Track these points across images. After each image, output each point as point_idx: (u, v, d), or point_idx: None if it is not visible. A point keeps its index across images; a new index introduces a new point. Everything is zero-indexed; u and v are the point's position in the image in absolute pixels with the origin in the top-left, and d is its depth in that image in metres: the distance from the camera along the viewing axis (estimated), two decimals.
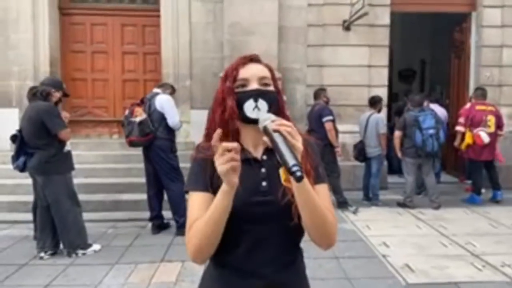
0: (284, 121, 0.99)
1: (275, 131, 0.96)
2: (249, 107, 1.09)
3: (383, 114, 5.99)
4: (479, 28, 6.72)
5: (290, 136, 0.95)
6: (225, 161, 0.94)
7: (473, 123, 5.59)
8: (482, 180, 5.79)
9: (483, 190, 6.01)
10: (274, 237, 1.09)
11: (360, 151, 5.64)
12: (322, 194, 1.10)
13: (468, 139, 5.62)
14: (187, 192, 1.13)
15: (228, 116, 1.11)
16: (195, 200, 1.10)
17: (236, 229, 1.07)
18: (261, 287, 1.09)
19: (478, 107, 5.66)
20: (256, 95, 1.10)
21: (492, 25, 6.63)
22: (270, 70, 1.17)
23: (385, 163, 6.50)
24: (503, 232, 4.51)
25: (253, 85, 1.11)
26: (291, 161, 0.90)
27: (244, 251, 1.09)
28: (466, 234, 4.40)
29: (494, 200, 5.76)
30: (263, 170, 1.11)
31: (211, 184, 1.08)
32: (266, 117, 1.01)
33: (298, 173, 0.89)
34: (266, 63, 1.18)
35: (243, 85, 1.12)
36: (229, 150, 0.95)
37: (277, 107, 1.13)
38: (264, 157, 1.12)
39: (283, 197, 1.05)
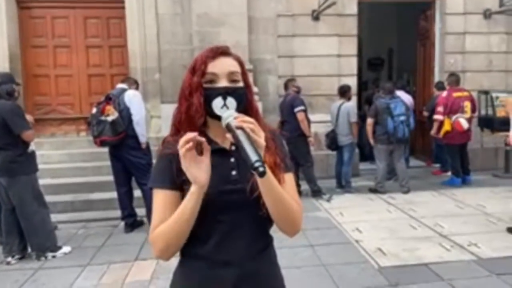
0: (246, 118, 0.99)
1: (238, 128, 0.97)
2: (217, 105, 1.08)
3: (353, 103, 6.08)
4: (443, 15, 6.90)
5: (253, 133, 0.96)
6: (182, 149, 0.97)
7: (451, 110, 5.72)
8: (459, 162, 5.98)
9: (448, 173, 6.25)
10: (245, 226, 1.10)
11: (332, 140, 5.71)
12: (288, 183, 1.12)
13: (446, 126, 5.74)
14: (151, 188, 1.12)
15: (194, 112, 1.09)
16: (160, 199, 1.09)
17: (208, 219, 1.07)
18: (233, 276, 1.09)
19: (455, 94, 5.77)
20: (225, 93, 1.08)
21: (455, 12, 6.82)
22: (240, 63, 1.15)
23: (357, 150, 6.63)
24: (469, 213, 4.70)
25: (222, 82, 1.10)
26: (253, 157, 0.91)
27: (216, 241, 1.09)
28: (435, 216, 4.56)
29: (464, 184, 5.96)
30: (232, 159, 1.11)
31: (177, 180, 1.08)
32: (229, 113, 1.02)
33: (261, 169, 0.91)
34: (237, 55, 1.16)
35: (212, 81, 1.10)
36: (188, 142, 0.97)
37: (246, 103, 1.13)
38: (233, 147, 1.10)
39: (252, 188, 1.06)
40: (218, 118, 1.07)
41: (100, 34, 6.52)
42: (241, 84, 1.13)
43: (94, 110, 4.25)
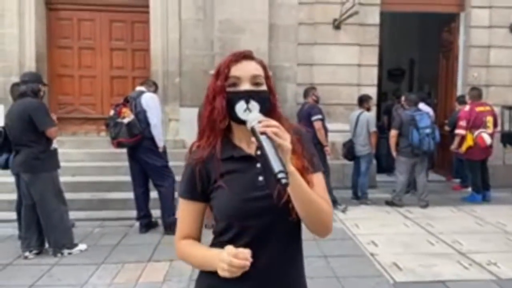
0: (271, 121, 0.98)
1: (262, 133, 0.95)
2: (240, 109, 1.07)
3: (373, 113, 6.02)
4: (467, 28, 6.79)
5: (277, 137, 0.94)
6: (228, 270, 0.99)
7: (474, 125, 5.60)
8: (480, 178, 5.83)
9: (469, 189, 6.10)
10: (274, 231, 1.09)
11: (349, 150, 5.65)
12: (317, 183, 1.11)
13: (469, 141, 5.62)
14: (179, 195, 1.17)
15: (216, 116, 1.09)
16: (184, 210, 1.15)
17: (235, 226, 1.09)
18: (260, 282, 1.09)
19: (477, 109, 5.66)
20: (247, 96, 1.08)
21: (480, 25, 6.70)
22: (264, 67, 1.15)
23: (374, 161, 6.54)
24: (489, 231, 4.57)
25: (245, 85, 1.09)
26: (276, 167, 0.90)
27: (244, 246, 1.07)
28: (453, 232, 4.44)
29: (484, 200, 5.81)
30: (258, 165, 1.10)
31: (204, 188, 1.11)
32: (254, 117, 1.01)
33: (284, 181, 0.90)
34: (260, 59, 1.16)
35: (235, 84, 1.09)
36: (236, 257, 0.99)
37: (269, 106, 1.12)
38: (258, 153, 1.09)
39: (280, 195, 1.05)
40: (242, 122, 1.06)
41: (124, 37, 6.67)
42: (264, 87, 1.12)
43: (111, 112, 4.32)
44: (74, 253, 3.80)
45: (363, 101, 5.71)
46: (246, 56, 1.13)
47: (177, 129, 6.42)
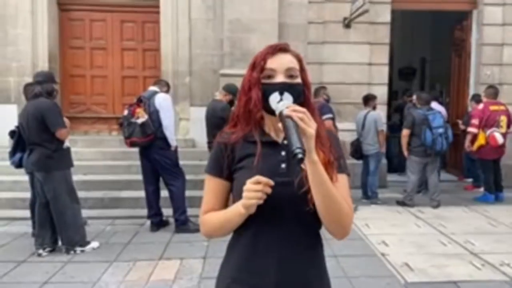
0: (298, 107, 1.00)
1: (287, 117, 0.97)
2: (274, 100, 1.10)
3: (381, 112, 5.97)
4: (480, 26, 6.70)
5: (302, 122, 0.96)
6: (253, 196, 1.00)
7: (487, 124, 5.53)
8: (492, 178, 5.75)
9: (481, 189, 6.02)
10: (289, 219, 1.10)
11: (356, 149, 5.64)
12: (341, 184, 1.11)
13: (481, 140, 5.55)
14: (205, 172, 1.21)
15: (252, 107, 1.13)
16: (210, 186, 1.19)
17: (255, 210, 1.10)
18: (275, 267, 1.10)
19: (491, 108, 5.58)
20: (281, 88, 1.10)
21: (493, 23, 6.60)
22: (299, 60, 1.16)
23: (385, 161, 6.49)
24: (502, 231, 4.50)
25: (280, 77, 1.11)
26: (295, 143, 0.92)
27: (258, 229, 1.11)
28: (465, 232, 4.39)
29: (497, 200, 5.72)
30: (283, 153, 1.13)
31: (229, 168, 1.15)
32: (283, 103, 1.04)
33: (299, 155, 0.90)
34: (296, 52, 1.17)
35: (270, 76, 1.12)
36: (259, 182, 1.00)
37: (302, 99, 1.14)
38: (285, 141, 1.09)
39: (301, 183, 1.06)
40: (274, 113, 1.08)
41: (135, 37, 6.73)
42: (298, 80, 1.14)
43: (125, 112, 4.37)
44: (87, 251, 3.85)
45: (368, 100, 5.69)
46: (282, 48, 1.15)
47: (187, 128, 6.46)
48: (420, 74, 10.43)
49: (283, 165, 1.12)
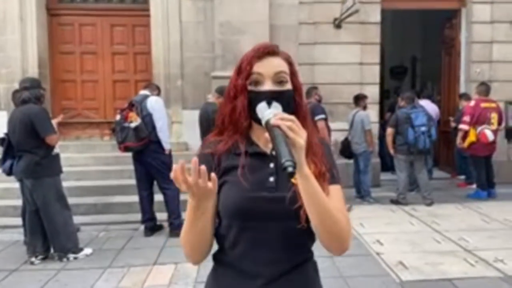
0: (286, 115, 0.92)
1: (275, 126, 0.89)
2: (261, 110, 1.00)
3: (373, 112, 6.00)
4: (469, 24, 6.76)
5: (291, 131, 0.88)
6: (180, 182, 0.88)
7: (478, 121, 5.57)
8: (484, 175, 5.79)
9: (473, 186, 6.06)
10: (278, 237, 1.02)
11: (345, 147, 5.69)
12: (334, 195, 1.03)
13: (471, 137, 5.59)
14: None
15: (238, 116, 1.05)
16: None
17: (238, 226, 1.03)
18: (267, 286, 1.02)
19: (483, 105, 5.62)
20: (269, 97, 1.01)
21: (481, 21, 6.67)
22: (289, 63, 1.07)
23: (378, 160, 6.52)
24: (495, 227, 4.53)
25: (267, 84, 1.02)
26: (284, 156, 0.84)
27: (244, 249, 1.03)
28: (459, 229, 4.42)
29: (489, 197, 5.76)
30: (271, 165, 1.04)
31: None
32: (270, 111, 0.96)
33: (290, 169, 0.83)
34: (286, 54, 1.08)
35: (257, 82, 1.03)
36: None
37: (293, 106, 1.05)
38: (274, 152, 0.99)
39: (293, 198, 0.98)
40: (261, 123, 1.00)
41: (126, 41, 6.69)
42: (288, 86, 1.05)
43: (118, 117, 4.33)
44: (80, 258, 3.81)
45: (358, 99, 5.74)
46: (270, 52, 1.05)
47: (180, 132, 6.43)
48: (411, 72, 10.50)
49: (272, 179, 1.03)
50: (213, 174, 0.90)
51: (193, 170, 0.86)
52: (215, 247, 1.11)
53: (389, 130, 5.56)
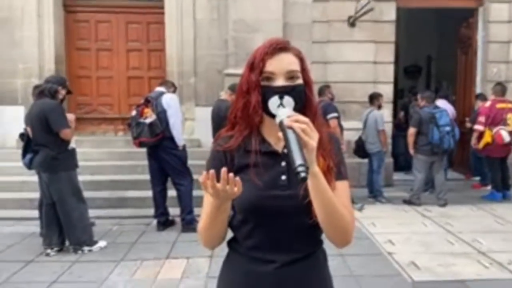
0: (300, 117, 0.95)
1: (289, 127, 0.93)
2: (273, 104, 1.04)
3: (387, 111, 5.95)
4: (486, 23, 6.64)
5: (304, 133, 0.91)
6: (206, 188, 0.94)
7: (493, 121, 5.49)
8: (500, 176, 5.70)
9: (488, 187, 5.97)
10: (290, 231, 1.07)
11: (358, 147, 5.65)
12: (341, 191, 1.06)
13: (487, 138, 5.51)
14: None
15: (252, 111, 1.07)
16: (207, 194, 1.09)
17: (252, 221, 1.08)
18: (273, 276, 1.08)
19: (498, 105, 5.54)
20: (281, 92, 1.04)
21: (499, 20, 6.55)
22: (301, 59, 1.10)
23: (391, 160, 6.46)
24: (509, 230, 4.46)
25: (279, 80, 1.05)
26: (297, 160, 0.87)
27: (258, 242, 1.08)
28: (473, 231, 4.36)
29: (504, 199, 5.67)
30: (283, 163, 1.07)
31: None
32: (284, 112, 0.99)
33: (302, 174, 0.87)
34: (297, 50, 1.10)
35: (269, 78, 1.06)
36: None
37: (304, 101, 1.08)
38: (285, 151, 1.03)
39: (304, 194, 1.01)
40: (274, 116, 1.03)
41: (140, 38, 6.76)
42: (300, 81, 1.08)
43: (133, 113, 4.40)
44: (94, 250, 3.88)
45: (373, 98, 5.69)
46: (282, 48, 1.07)
47: (192, 128, 6.48)
48: (426, 72, 10.36)
49: (284, 177, 1.07)
50: (237, 178, 0.93)
51: (222, 177, 0.92)
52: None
53: (412, 130, 5.44)
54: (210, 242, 1.13)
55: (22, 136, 3.91)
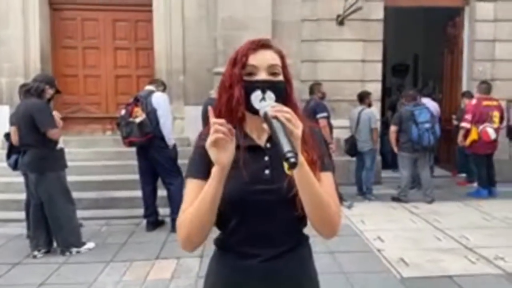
0: (284, 107, 0.97)
1: (274, 117, 0.94)
2: (256, 98, 1.06)
3: (375, 109, 6.00)
4: (472, 22, 6.74)
5: (289, 123, 0.93)
6: (210, 135, 0.95)
7: (480, 119, 5.57)
8: (486, 173, 5.80)
9: (474, 184, 6.08)
10: (275, 225, 1.08)
11: (351, 146, 5.68)
12: (326, 182, 1.09)
13: (473, 135, 5.60)
14: (187, 177, 1.13)
15: (235, 105, 1.08)
16: (191, 188, 1.09)
17: (237, 216, 1.08)
18: (260, 270, 1.09)
19: (484, 103, 5.63)
20: (264, 86, 1.07)
21: (485, 19, 6.65)
22: (281, 56, 1.13)
23: (379, 158, 6.53)
24: (496, 225, 4.55)
25: (262, 75, 1.08)
26: (286, 147, 0.88)
27: (243, 237, 1.09)
28: (460, 227, 4.43)
29: (490, 195, 5.77)
30: (266, 158, 1.09)
31: (210, 171, 1.04)
32: (267, 103, 1.01)
33: (292, 159, 0.87)
34: (278, 48, 1.14)
35: (251, 73, 1.08)
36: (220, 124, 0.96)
37: (285, 97, 1.10)
38: (268, 145, 1.09)
39: (289, 187, 1.03)
40: (256, 112, 1.05)
41: (128, 36, 6.68)
42: (281, 77, 1.11)
43: (123, 112, 4.34)
44: (82, 252, 3.83)
45: (363, 97, 5.73)
46: (264, 44, 1.11)
47: (182, 127, 6.44)
48: (413, 70, 10.48)
49: (267, 171, 1.08)
50: (230, 126, 0.97)
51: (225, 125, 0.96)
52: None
53: (393, 128, 5.56)
54: (193, 238, 1.05)
55: (7, 136, 3.83)
